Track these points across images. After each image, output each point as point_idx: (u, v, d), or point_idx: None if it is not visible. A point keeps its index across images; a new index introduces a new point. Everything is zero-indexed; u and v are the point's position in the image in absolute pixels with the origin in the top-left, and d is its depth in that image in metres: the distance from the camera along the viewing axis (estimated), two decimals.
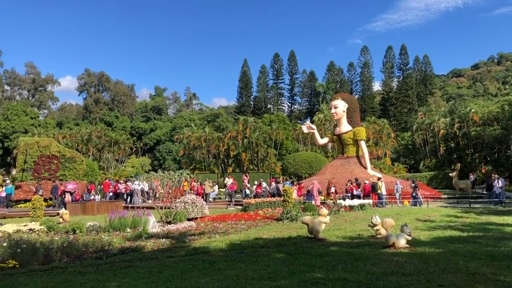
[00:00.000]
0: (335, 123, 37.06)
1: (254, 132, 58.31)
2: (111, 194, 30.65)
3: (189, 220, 17.97)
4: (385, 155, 57.42)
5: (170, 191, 19.54)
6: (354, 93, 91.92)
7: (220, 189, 36.37)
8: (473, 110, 47.89)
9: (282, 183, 28.69)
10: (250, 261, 8.90)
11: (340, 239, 11.91)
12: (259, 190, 28.66)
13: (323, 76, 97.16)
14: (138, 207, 22.08)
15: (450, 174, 32.97)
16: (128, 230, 14.06)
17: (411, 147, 59.41)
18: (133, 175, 55.34)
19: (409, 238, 10.09)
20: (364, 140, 33.43)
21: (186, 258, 9.46)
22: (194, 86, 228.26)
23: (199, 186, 30.95)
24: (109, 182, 32.34)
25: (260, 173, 46.81)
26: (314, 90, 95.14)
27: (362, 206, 21.83)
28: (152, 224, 15.39)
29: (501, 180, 25.67)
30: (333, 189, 27.54)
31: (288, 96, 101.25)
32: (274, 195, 27.54)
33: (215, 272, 7.89)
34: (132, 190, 29.84)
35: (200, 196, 25.79)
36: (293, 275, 7.39)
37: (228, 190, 30.72)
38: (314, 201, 24.49)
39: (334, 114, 33.74)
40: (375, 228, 11.80)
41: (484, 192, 28.89)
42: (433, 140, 53.12)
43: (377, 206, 24.04)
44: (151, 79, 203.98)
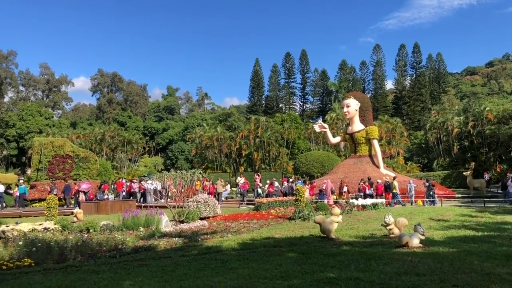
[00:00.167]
0: (348, 122, 36.86)
1: (266, 131, 58.28)
2: (125, 193, 30.90)
3: (201, 219, 18.05)
4: (398, 154, 57.02)
5: (183, 190, 19.64)
6: (367, 91, 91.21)
7: (232, 188, 36.43)
8: (487, 108, 47.30)
9: (294, 182, 28.63)
10: (263, 260, 8.91)
11: (352, 239, 11.87)
12: (271, 190, 28.64)
13: (335, 74, 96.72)
14: (151, 206, 22.23)
15: (464, 173, 32.62)
16: (141, 229, 14.17)
17: (424, 146, 58.88)
18: (146, 175, 55.68)
19: (422, 238, 10.02)
20: (376, 139, 33.20)
21: (199, 257, 9.50)
22: (206, 86, 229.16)
23: (211, 185, 31.03)
24: (122, 182, 32.60)
25: (272, 172, 46.75)
26: (326, 89, 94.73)
27: (375, 206, 21.67)
28: (165, 223, 15.49)
29: None
30: (345, 188, 27.39)
31: (300, 95, 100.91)
32: (286, 195, 27.51)
33: (227, 271, 7.92)
34: (145, 190, 30.05)
35: (212, 195, 25.86)
36: (305, 274, 7.38)
37: (240, 189, 30.75)
38: (327, 200, 24.42)
39: (347, 113, 33.54)
40: (388, 227, 11.73)
41: (499, 191, 28.50)
42: (446, 138, 52.57)
43: (393, 205, 23.85)
44: (163, 79, 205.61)
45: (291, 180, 31.71)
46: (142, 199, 30.02)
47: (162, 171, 35.60)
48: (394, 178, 26.76)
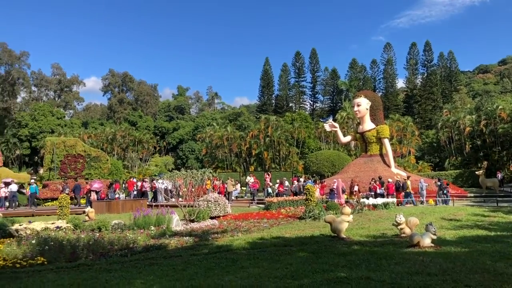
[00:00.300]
0: (358, 121, 36.67)
1: (276, 130, 58.23)
2: (135, 192, 31.09)
3: (211, 218, 18.11)
4: (409, 153, 56.59)
5: (193, 189, 19.70)
6: (377, 90, 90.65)
7: (242, 187, 36.48)
8: (500, 107, 46.72)
9: (305, 181, 28.56)
10: (273, 259, 8.91)
11: (363, 238, 11.82)
12: (281, 189, 28.64)
13: (346, 73, 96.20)
14: (161, 206, 22.32)
15: (477, 172, 32.29)
16: (152, 228, 14.24)
17: (435, 145, 58.40)
18: (156, 174, 56.00)
19: (434, 237, 9.94)
20: (387, 138, 33.01)
21: (209, 256, 9.53)
22: (216, 86, 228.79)
23: (221, 184, 31.08)
24: (133, 181, 32.82)
25: (282, 171, 46.74)
26: (337, 88, 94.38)
27: (386, 205, 21.53)
28: (176, 222, 15.56)
29: None
30: (356, 187, 27.28)
31: (310, 94, 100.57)
32: (296, 194, 27.47)
33: (238, 270, 7.93)
34: (156, 189, 30.21)
35: (223, 195, 25.90)
36: (316, 273, 7.36)
37: (250, 188, 30.78)
38: (338, 199, 24.33)
39: (357, 112, 33.40)
40: (399, 227, 11.66)
41: None
42: (458, 137, 52.08)
43: (404, 204, 23.70)
44: (173, 79, 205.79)
45: (301, 179, 31.65)
46: (153, 198, 30.19)
47: (172, 170, 35.78)
48: (408, 178, 26.61)
